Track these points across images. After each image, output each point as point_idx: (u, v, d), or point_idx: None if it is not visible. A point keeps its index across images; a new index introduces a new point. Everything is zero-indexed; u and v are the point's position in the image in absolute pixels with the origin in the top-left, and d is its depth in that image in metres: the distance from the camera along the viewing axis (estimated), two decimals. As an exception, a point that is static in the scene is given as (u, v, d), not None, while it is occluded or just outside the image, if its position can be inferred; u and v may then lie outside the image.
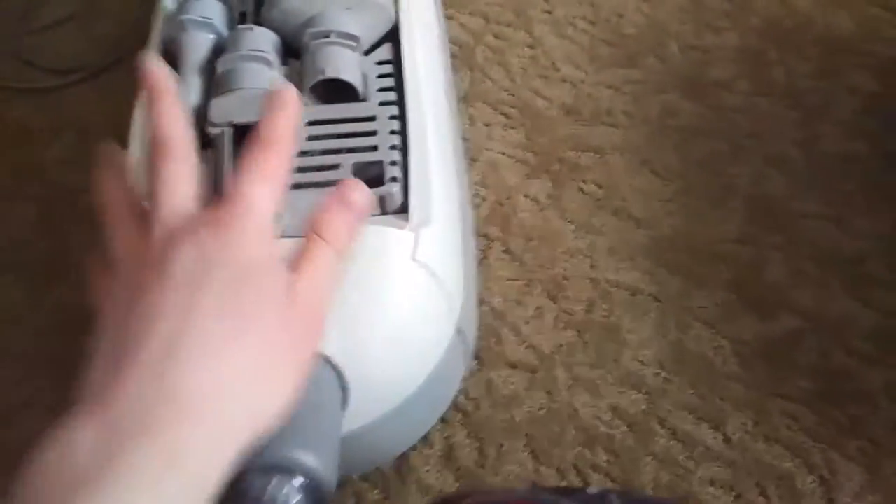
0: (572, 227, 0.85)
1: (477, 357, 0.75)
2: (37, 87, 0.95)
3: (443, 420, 0.71)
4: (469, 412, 0.72)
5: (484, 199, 0.87)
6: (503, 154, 0.91)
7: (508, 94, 0.96)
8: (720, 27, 1.01)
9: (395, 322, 0.57)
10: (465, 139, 0.92)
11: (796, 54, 0.97)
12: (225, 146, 0.59)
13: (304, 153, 0.60)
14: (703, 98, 0.95)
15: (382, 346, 0.56)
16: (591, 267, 0.81)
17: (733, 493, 0.67)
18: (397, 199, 0.59)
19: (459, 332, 0.63)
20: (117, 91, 0.80)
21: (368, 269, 0.55)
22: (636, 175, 0.88)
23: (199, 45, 0.66)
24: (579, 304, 0.79)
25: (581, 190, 0.88)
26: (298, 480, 0.48)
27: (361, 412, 0.57)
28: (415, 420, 0.63)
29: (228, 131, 0.60)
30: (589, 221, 0.85)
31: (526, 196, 0.87)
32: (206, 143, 0.60)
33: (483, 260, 0.82)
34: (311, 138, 0.61)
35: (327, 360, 0.54)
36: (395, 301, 0.57)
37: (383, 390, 0.58)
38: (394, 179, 0.59)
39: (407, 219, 0.58)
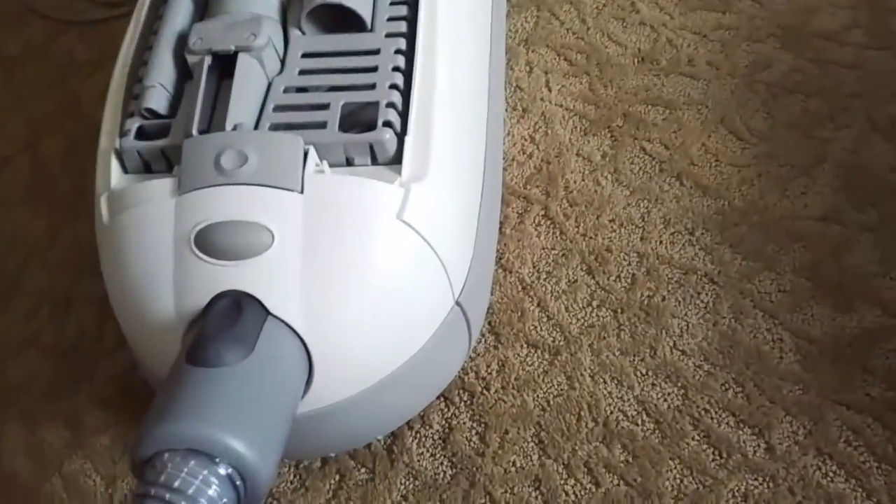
0: (626, 192, 0.75)
1: (494, 332, 0.68)
2: (85, 20, 0.94)
3: (446, 399, 0.65)
4: (476, 393, 0.65)
5: (530, 157, 0.79)
6: (560, 106, 0.82)
7: (576, 38, 0.87)
8: (834, -36, 0.86)
9: (374, 291, 0.51)
10: (518, 88, 0.83)
11: (924, -2, 0.82)
12: (202, 77, 0.54)
13: (292, 90, 0.54)
14: (805, 50, 0.82)
15: (357, 317, 0.51)
16: (641, 239, 0.72)
17: (770, 513, 0.58)
18: (390, 148, 0.52)
19: (459, 306, 0.56)
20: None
21: (346, 228, 0.49)
22: (711, 135, 0.78)
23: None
24: (620, 281, 0.70)
25: (643, 150, 0.78)
26: (222, 469, 0.43)
27: (329, 391, 0.52)
28: (396, 403, 0.58)
29: (206, 60, 0.55)
30: (647, 186, 0.75)
31: (579, 154, 0.78)
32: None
33: (518, 224, 0.74)
34: (303, 73, 0.55)
35: (289, 330, 0.48)
36: (375, 266, 0.51)
37: (356, 369, 0.52)
38: (388, 124, 0.53)
39: (398, 172, 0.52)
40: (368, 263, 0.49)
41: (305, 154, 0.50)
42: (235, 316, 0.47)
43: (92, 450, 0.68)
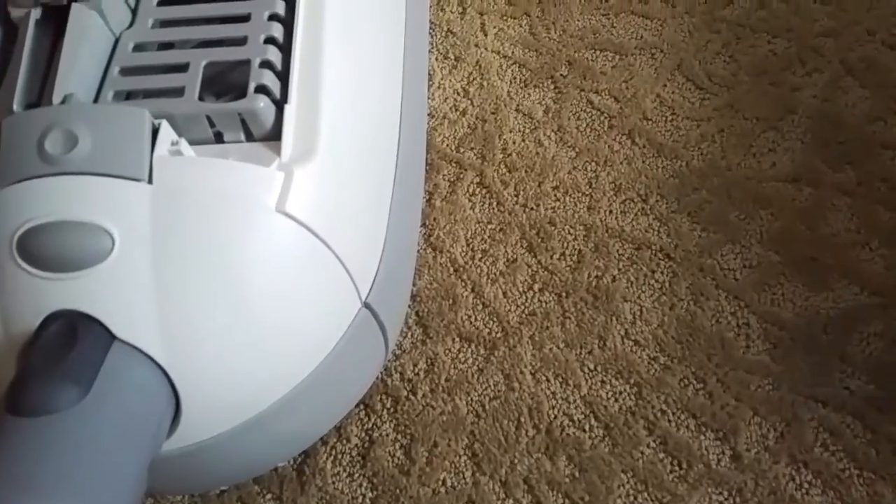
0: (572, 153, 0.65)
1: (422, 324, 0.58)
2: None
3: (366, 406, 0.55)
4: (401, 398, 0.56)
5: (463, 114, 0.68)
6: (497, 53, 0.71)
7: (515, -27, 0.75)
8: None
9: (252, 302, 0.40)
10: (450, 32, 0.72)
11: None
12: (28, 35, 0.42)
13: (145, 47, 0.43)
14: (772, -19, 0.73)
15: (232, 335, 0.40)
16: (589, 209, 0.63)
17: (736, 531, 0.51)
18: (266, 120, 0.42)
19: (368, 308, 0.47)
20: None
21: (210, 225, 0.39)
22: (666, 84, 0.68)
23: None
24: (565, 260, 0.61)
25: (590, 103, 0.68)
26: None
27: (204, 425, 0.42)
28: (295, 429, 0.48)
29: (33, 13, 0.43)
30: (595, 146, 0.66)
31: (518, 110, 0.68)
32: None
33: (449, 195, 0.64)
34: (159, 25, 0.44)
35: (143, 356, 0.38)
36: (251, 272, 0.40)
37: (237, 396, 0.42)
38: (263, 90, 0.42)
39: (278, 150, 0.41)
40: (242, 268, 0.39)
41: (155, 131, 0.39)
42: (68, 345, 0.36)
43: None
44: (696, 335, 0.57)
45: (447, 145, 0.67)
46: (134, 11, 0.44)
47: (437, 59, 0.71)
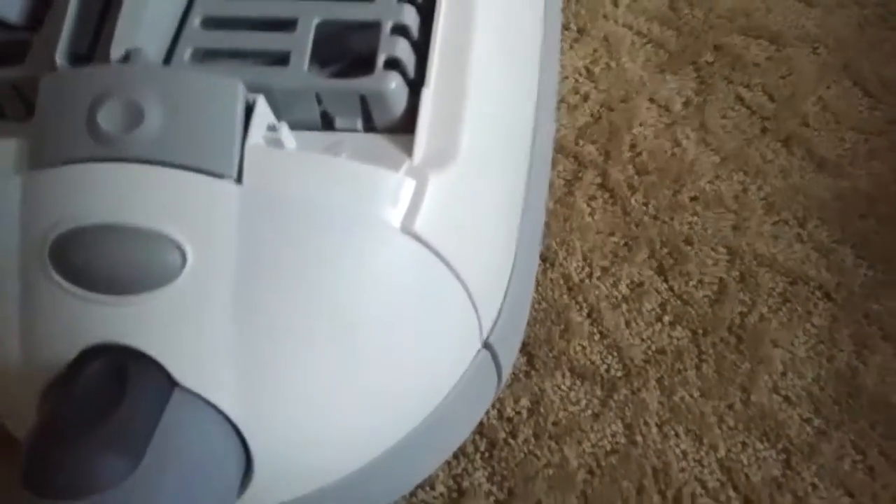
0: (716, 157, 0.55)
1: (527, 352, 0.49)
2: None
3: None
4: (498, 442, 0.47)
5: (585, 99, 0.58)
6: (629, 29, 0.61)
7: (655, -65, 0.65)
8: None
9: (358, 346, 0.31)
10: None
11: None
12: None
13: None
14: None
15: (330, 389, 0.31)
16: (734, 229, 0.52)
17: None
18: (396, 106, 0.32)
19: (488, 349, 0.37)
20: None
21: (318, 248, 0.29)
22: (830, 86, 0.58)
23: None
24: (703, 288, 0.51)
25: (741, 100, 0.58)
26: None
27: (279, 490, 0.33)
28: (384, 488, 0.39)
29: None
30: (744, 152, 0.55)
31: (652, 100, 0.58)
32: None
33: (565, 196, 0.54)
34: None
35: (212, 409, 0.29)
36: (362, 308, 0.30)
37: (325, 458, 0.33)
38: (394, 64, 0.32)
39: (408, 149, 0.31)
40: (351, 303, 0.29)
41: (249, 110, 0.29)
42: (115, 394, 0.27)
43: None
44: (857, 396, 0.47)
45: (565, 136, 0.57)
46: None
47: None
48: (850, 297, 0.50)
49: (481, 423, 0.47)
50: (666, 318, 0.50)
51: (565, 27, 0.61)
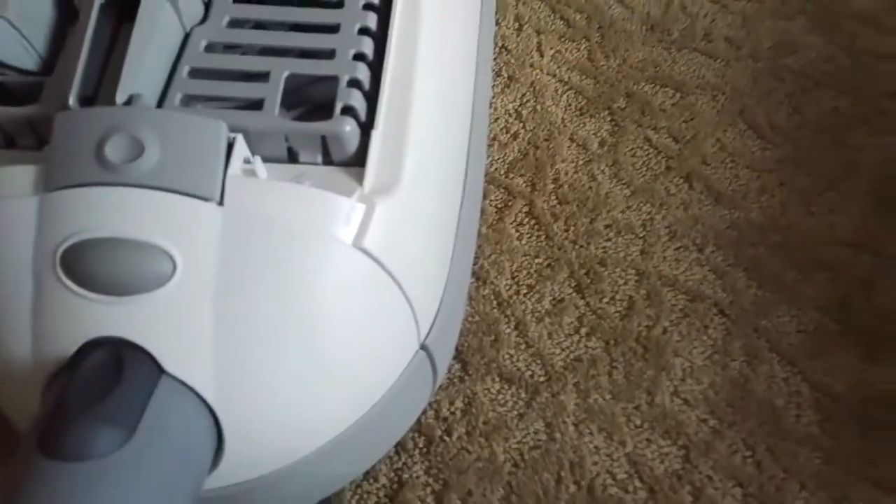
0: (627, 191, 0.62)
1: (461, 360, 0.55)
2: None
3: (397, 445, 0.52)
4: (435, 439, 0.53)
5: (514, 137, 0.65)
6: (553, 76, 0.68)
7: (577, -6, 0.72)
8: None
9: (315, 343, 0.37)
10: (505, 49, 0.69)
11: None
12: (91, 17, 0.38)
13: (218, 47, 0.39)
14: (837, 34, 0.70)
15: (291, 380, 0.37)
16: (642, 253, 0.60)
17: None
18: (350, 145, 0.38)
19: (425, 350, 0.43)
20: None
21: (281, 256, 0.35)
22: (727, 129, 0.65)
23: None
24: (615, 304, 0.57)
25: (648, 141, 0.65)
26: None
27: (244, 467, 0.38)
28: (334, 472, 0.44)
29: None
30: (651, 186, 0.62)
31: (572, 140, 0.65)
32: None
33: (496, 223, 0.61)
34: (235, 24, 0.40)
35: (192, 394, 0.34)
36: (319, 310, 0.36)
37: (285, 440, 0.39)
38: (349, 111, 0.38)
39: (359, 179, 0.37)
40: (311, 305, 0.35)
41: (230, 146, 0.35)
42: (112, 378, 0.32)
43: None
44: (747, 399, 0.54)
45: (496, 169, 0.63)
46: (207, 6, 0.40)
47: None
48: (742, 313, 0.57)
49: (419, 422, 0.53)
50: (583, 331, 0.57)
51: (497, 74, 0.68)
